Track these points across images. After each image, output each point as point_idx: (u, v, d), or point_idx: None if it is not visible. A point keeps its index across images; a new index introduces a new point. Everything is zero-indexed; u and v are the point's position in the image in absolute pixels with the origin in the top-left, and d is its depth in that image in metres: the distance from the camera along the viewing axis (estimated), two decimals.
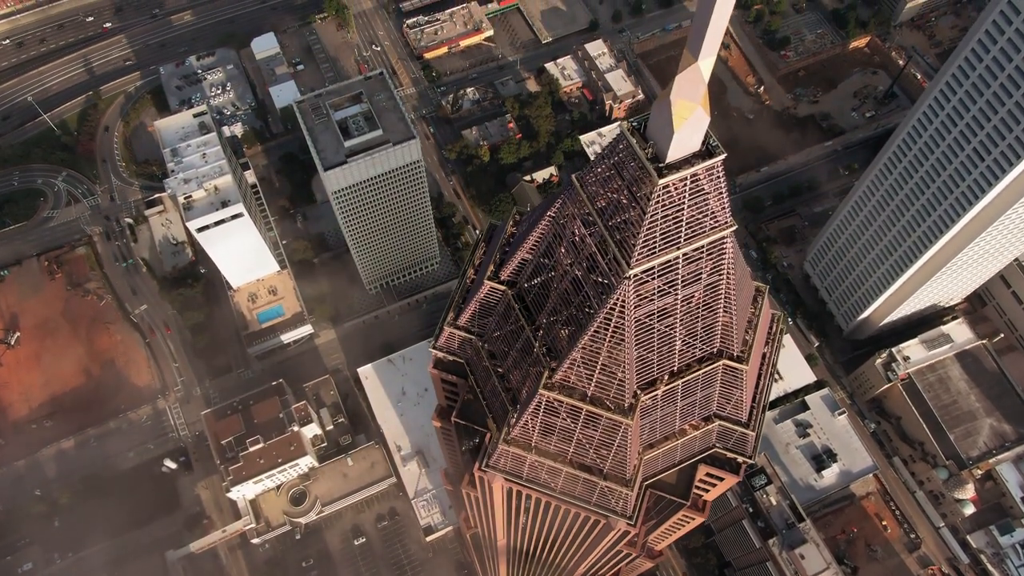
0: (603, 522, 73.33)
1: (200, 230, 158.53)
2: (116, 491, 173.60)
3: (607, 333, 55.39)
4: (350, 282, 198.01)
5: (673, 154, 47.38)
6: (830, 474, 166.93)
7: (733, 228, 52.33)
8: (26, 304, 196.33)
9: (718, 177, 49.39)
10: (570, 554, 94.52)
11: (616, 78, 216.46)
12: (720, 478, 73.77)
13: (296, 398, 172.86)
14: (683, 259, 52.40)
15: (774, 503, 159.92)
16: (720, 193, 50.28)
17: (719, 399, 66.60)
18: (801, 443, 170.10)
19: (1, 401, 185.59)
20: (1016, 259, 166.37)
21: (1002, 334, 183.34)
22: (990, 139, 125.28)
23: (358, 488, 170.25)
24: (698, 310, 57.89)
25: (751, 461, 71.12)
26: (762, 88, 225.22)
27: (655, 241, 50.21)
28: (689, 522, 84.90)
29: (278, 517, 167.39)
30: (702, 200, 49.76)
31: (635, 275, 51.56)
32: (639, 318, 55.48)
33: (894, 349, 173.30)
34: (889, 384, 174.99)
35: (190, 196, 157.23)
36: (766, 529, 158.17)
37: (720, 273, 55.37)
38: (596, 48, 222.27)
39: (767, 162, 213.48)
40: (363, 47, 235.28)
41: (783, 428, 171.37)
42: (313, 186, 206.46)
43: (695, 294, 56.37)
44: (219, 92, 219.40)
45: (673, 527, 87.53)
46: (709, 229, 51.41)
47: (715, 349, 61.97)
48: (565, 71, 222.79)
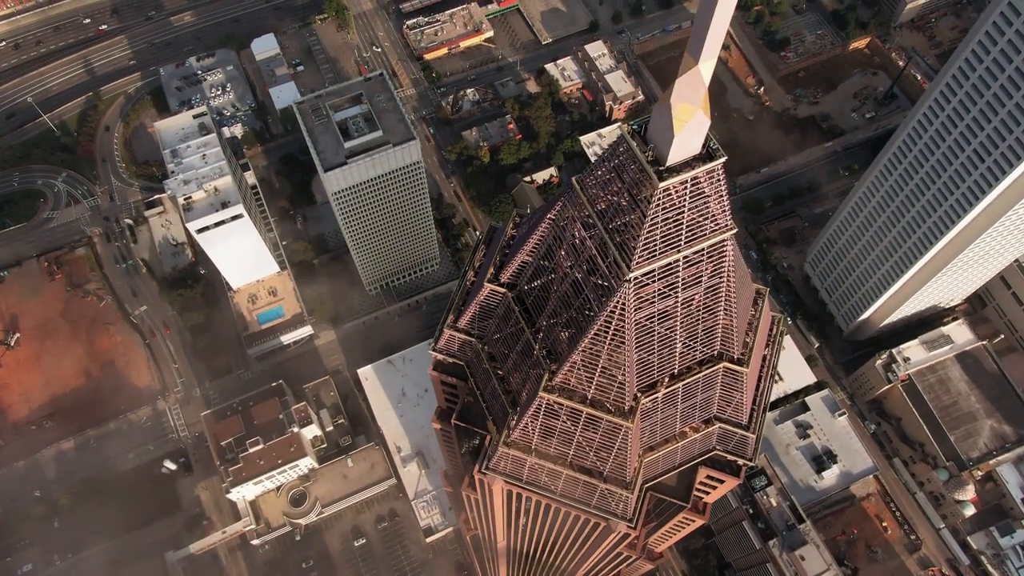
0: (603, 525, 73.28)
1: (200, 231, 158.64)
2: (116, 492, 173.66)
3: (607, 336, 55.31)
4: (350, 283, 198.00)
5: (674, 157, 47.35)
6: (830, 475, 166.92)
7: (733, 231, 52.27)
8: (26, 305, 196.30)
9: (719, 180, 49.36)
10: (570, 556, 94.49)
11: (616, 79, 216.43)
12: (720, 480, 73.70)
13: (296, 399, 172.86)
14: (684, 262, 52.33)
15: (774, 504, 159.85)
16: (721, 196, 50.24)
17: (719, 401, 66.51)
18: (801, 444, 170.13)
19: (1, 402, 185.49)
20: (1016, 260, 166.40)
21: (1002, 335, 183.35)
22: (990, 140, 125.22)
23: (358, 489, 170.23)
24: (698, 313, 57.85)
25: (751, 463, 71.05)
26: (762, 89, 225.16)
27: (655, 244, 50.16)
28: (689, 524, 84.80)
29: (278, 518, 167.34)
30: (703, 203, 49.73)
31: (635, 278, 51.48)
32: (639, 321, 55.40)
33: (894, 350, 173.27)
34: (889, 385, 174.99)
35: (190, 197, 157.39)
36: (766, 530, 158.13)
37: (721, 276, 55.31)
38: (596, 49, 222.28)
39: (767, 163, 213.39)
40: (363, 48, 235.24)
41: (783, 429, 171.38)
42: (313, 187, 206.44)
43: (695, 297, 56.32)
44: (219, 93, 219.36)
45: (673, 529, 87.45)
46: (710, 232, 51.36)
47: (715, 352, 61.95)
48: (565, 72, 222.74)
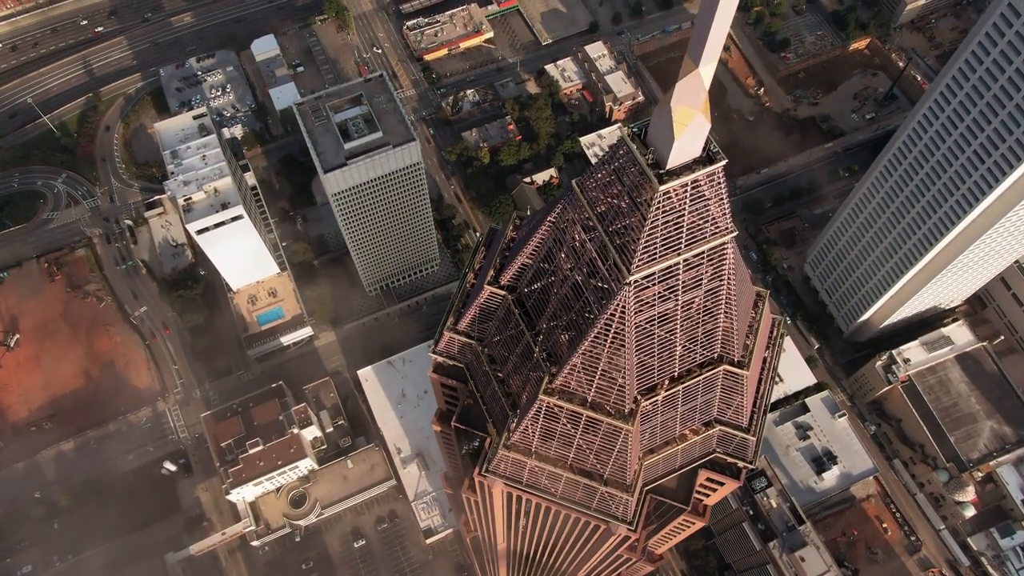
0: (603, 527, 73.24)
1: (200, 232, 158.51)
2: (116, 493, 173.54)
3: (607, 338, 55.24)
4: (350, 284, 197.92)
5: (674, 160, 47.30)
6: (830, 476, 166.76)
7: (734, 234, 52.19)
8: (26, 306, 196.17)
9: (719, 183, 49.29)
10: (570, 558, 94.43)
11: (616, 80, 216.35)
12: (721, 483, 73.60)
13: (296, 400, 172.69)
14: (684, 265, 52.27)
15: (774, 505, 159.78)
16: (721, 199, 50.18)
17: (720, 404, 66.42)
18: (801, 445, 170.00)
19: (1, 403, 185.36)
20: (1016, 261, 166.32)
21: (1002, 336, 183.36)
22: (990, 141, 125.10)
23: (358, 490, 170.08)
24: (699, 315, 57.78)
25: (752, 466, 70.95)
26: (762, 90, 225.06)
27: (656, 247, 50.10)
28: (690, 526, 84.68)
29: (278, 519, 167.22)
30: (703, 206, 49.66)
31: (636, 281, 51.42)
32: (639, 323, 55.35)
33: (894, 351, 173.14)
34: (889, 386, 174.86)
35: (190, 198, 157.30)
36: (766, 532, 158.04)
37: (721, 278, 55.26)
38: (596, 50, 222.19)
39: (767, 164, 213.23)
40: (363, 49, 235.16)
41: (783, 430, 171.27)
42: (313, 188, 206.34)
43: (696, 299, 56.26)
44: (219, 94, 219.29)
45: (674, 531, 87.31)
46: (710, 235, 51.32)
47: (716, 354, 61.88)
48: (565, 73, 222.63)
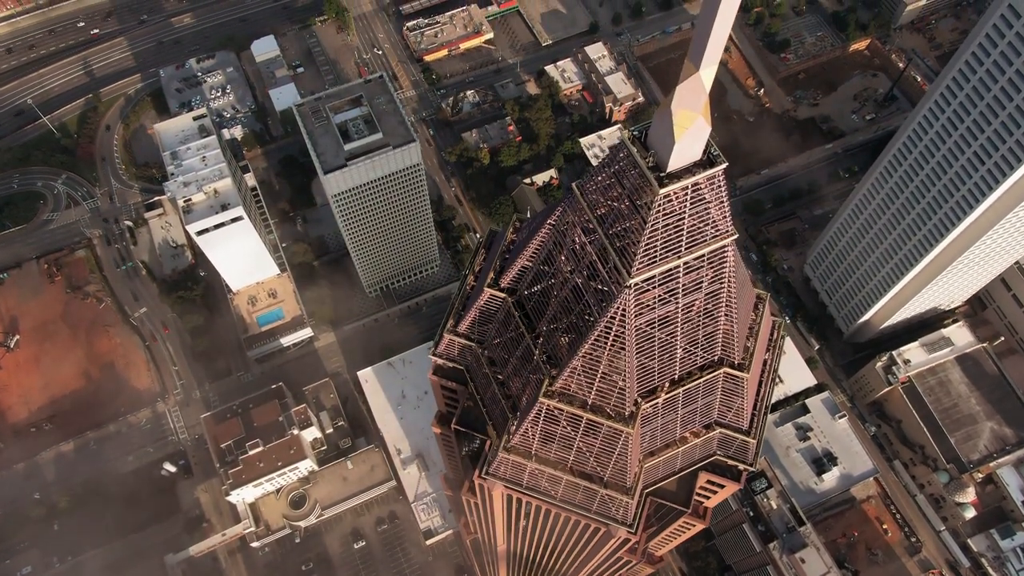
0: (604, 529, 73.13)
1: (200, 233, 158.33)
2: (115, 495, 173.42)
3: (608, 341, 55.17)
4: (350, 285, 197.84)
5: (674, 163, 47.23)
6: (830, 478, 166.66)
7: (734, 237, 52.14)
8: (25, 307, 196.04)
9: (719, 186, 49.24)
10: (570, 560, 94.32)
11: (616, 81, 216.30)
12: (721, 485, 73.55)
13: (296, 401, 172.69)
14: (684, 268, 52.21)
15: (774, 507, 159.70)
16: (721, 202, 50.13)
17: (720, 407, 66.35)
18: (801, 446, 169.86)
19: (0, 404, 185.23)
20: (1017, 262, 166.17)
21: (1002, 337, 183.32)
22: (991, 142, 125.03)
23: (358, 491, 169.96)
24: (699, 318, 57.70)
25: (752, 468, 70.86)
26: (762, 91, 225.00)
27: (656, 250, 50.05)
28: (690, 529, 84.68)
29: (278, 521, 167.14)
30: (703, 209, 49.60)
31: (636, 284, 51.37)
32: (640, 326, 55.29)
33: (894, 352, 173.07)
34: (890, 387, 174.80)
35: (190, 199, 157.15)
36: (766, 533, 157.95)
37: (721, 281, 55.18)
38: (596, 51, 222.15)
39: (767, 165, 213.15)
40: (363, 50, 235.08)
41: (783, 431, 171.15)
42: (313, 189, 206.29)
43: (696, 302, 56.18)
44: (219, 95, 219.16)
45: (674, 533, 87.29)
46: (710, 238, 51.26)
47: (716, 357, 61.82)
48: (565, 74, 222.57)
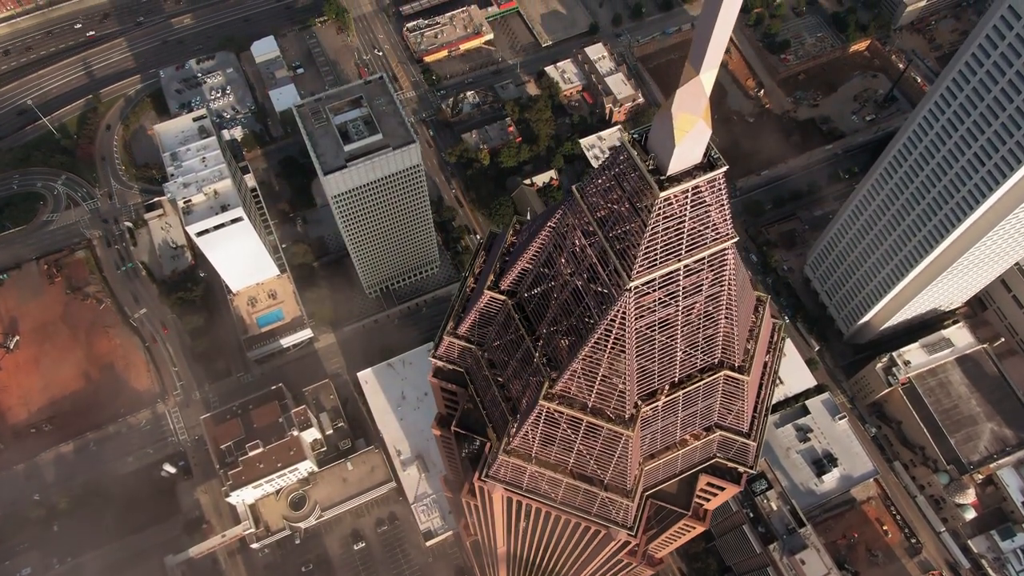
0: (604, 532, 73.05)
1: (199, 234, 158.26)
2: (115, 496, 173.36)
3: (608, 344, 55.11)
4: (350, 286, 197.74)
5: (674, 166, 47.17)
6: (831, 479, 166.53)
7: (734, 239, 52.08)
8: (25, 308, 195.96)
9: (719, 189, 49.18)
10: (570, 562, 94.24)
11: (616, 82, 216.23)
12: (721, 488, 73.44)
13: (296, 402, 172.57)
14: (684, 271, 52.16)
15: (775, 508, 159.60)
16: (721, 205, 50.06)
17: (720, 409, 66.28)
18: (802, 448, 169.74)
19: (0, 405, 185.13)
20: (1017, 263, 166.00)
21: (1003, 338, 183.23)
22: (991, 143, 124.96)
23: (358, 493, 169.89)
24: (699, 321, 57.62)
25: (752, 470, 70.77)
26: (762, 92, 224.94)
27: (656, 253, 49.99)
28: (690, 531, 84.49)
29: (277, 522, 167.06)
30: (703, 212, 49.55)
31: (636, 286, 51.33)
32: (640, 329, 55.22)
33: (895, 353, 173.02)
34: (890, 388, 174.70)
35: (189, 200, 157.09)
36: (767, 534, 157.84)
37: (721, 284, 55.10)
38: (596, 52, 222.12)
39: (767, 166, 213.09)
40: (363, 51, 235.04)
41: (784, 433, 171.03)
42: (313, 190, 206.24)
43: (696, 305, 56.10)
44: (219, 96, 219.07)
45: (674, 536, 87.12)
46: (710, 241, 51.22)
47: (716, 359, 61.73)
48: (565, 75, 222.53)
